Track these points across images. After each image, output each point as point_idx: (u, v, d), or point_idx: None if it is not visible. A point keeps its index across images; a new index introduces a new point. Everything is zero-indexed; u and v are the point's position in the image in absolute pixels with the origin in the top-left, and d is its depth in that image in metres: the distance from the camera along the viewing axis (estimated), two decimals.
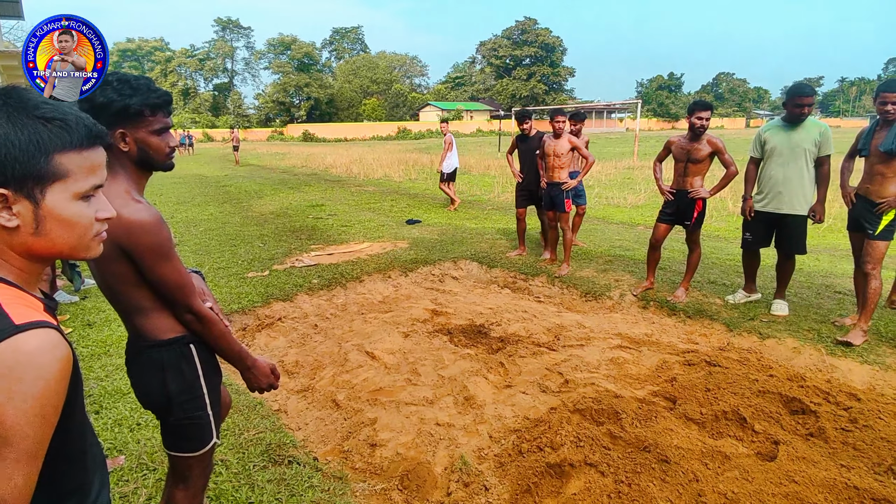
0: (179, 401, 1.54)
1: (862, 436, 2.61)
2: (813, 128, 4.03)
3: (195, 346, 1.56)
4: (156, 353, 1.52)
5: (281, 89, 65.58)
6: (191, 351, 1.56)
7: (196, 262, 6.06)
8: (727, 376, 3.19)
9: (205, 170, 20.04)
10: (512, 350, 3.80)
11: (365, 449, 2.74)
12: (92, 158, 0.86)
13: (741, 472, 2.32)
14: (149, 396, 1.57)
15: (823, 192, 4.10)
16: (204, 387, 1.59)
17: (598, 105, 52.32)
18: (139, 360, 1.55)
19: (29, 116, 0.80)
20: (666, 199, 4.75)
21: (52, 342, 0.76)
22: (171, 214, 9.55)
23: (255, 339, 4.30)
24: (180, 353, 1.54)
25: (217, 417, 1.65)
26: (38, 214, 0.82)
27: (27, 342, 0.73)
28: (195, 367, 1.56)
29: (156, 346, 1.52)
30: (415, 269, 5.91)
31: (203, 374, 1.58)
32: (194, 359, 1.56)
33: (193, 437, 1.60)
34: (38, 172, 0.80)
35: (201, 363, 1.58)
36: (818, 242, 7.17)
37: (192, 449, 1.61)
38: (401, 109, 69.58)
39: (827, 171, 4.07)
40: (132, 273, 1.43)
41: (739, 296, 4.60)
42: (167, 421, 1.59)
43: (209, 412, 1.60)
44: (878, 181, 3.73)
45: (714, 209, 9.56)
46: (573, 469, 2.41)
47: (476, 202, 11.09)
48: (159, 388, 1.53)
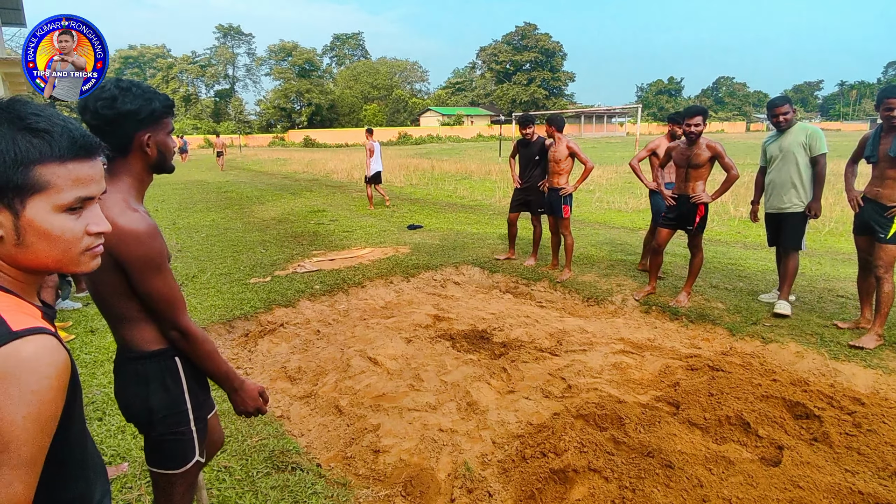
0: (162, 415, 1.50)
1: (866, 440, 2.60)
2: (800, 132, 4.31)
3: (180, 360, 1.52)
4: (140, 365, 1.48)
5: (282, 95, 65.87)
6: (176, 364, 1.51)
7: (198, 269, 6.07)
8: (730, 381, 3.18)
9: (207, 176, 20.10)
10: (514, 355, 3.80)
11: (368, 455, 2.73)
12: (78, 170, 0.84)
13: (745, 477, 2.31)
14: (130, 409, 1.52)
15: (818, 190, 4.31)
16: (188, 402, 1.54)
17: (598, 109, 52.39)
18: (123, 371, 1.51)
19: (14, 128, 0.79)
20: (668, 203, 4.76)
21: (49, 348, 0.76)
22: (173, 221, 9.57)
23: (257, 345, 4.30)
24: (165, 366, 1.50)
25: (202, 434, 1.59)
26: (19, 226, 0.80)
27: (24, 348, 0.73)
28: (180, 382, 1.52)
29: (140, 357, 1.49)
30: (417, 274, 5.92)
31: (188, 389, 1.54)
32: (179, 373, 1.52)
33: (175, 454, 1.55)
34: (16, 183, 0.79)
35: (187, 378, 1.53)
36: (819, 246, 7.18)
37: (174, 466, 1.55)
38: (401, 115, 69.78)
39: (820, 170, 4.27)
40: (122, 283, 1.40)
41: (772, 296, 4.70)
42: (149, 436, 1.54)
43: (193, 428, 1.55)
44: (888, 185, 3.74)
45: (716, 213, 9.57)
46: (577, 475, 2.40)
47: (477, 207, 11.11)
48: (142, 402, 1.48)
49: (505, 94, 72.51)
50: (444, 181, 16.20)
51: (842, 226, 8.17)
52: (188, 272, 5.92)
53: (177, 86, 67.58)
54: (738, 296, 4.84)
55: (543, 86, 72.93)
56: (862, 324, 4.02)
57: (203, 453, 1.61)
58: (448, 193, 13.47)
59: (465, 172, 18.60)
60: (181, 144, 31.91)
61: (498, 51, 74.76)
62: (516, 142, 6.26)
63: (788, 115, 4.32)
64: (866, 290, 4.05)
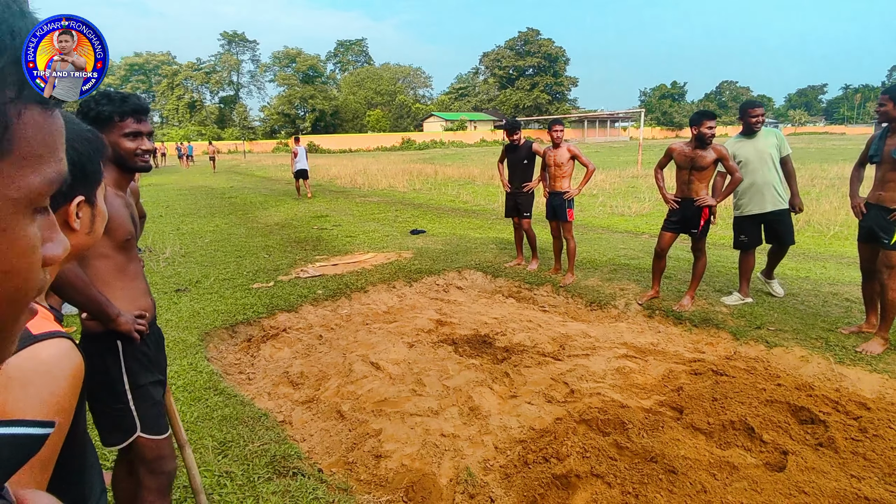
0: (101, 394, 1.68)
1: (872, 445, 2.58)
2: (770, 135, 4.63)
3: (122, 343, 1.70)
4: (86, 345, 1.66)
5: (286, 101, 66.22)
6: (117, 346, 1.70)
7: (202, 274, 6.09)
8: (734, 385, 3.16)
9: (211, 181, 20.18)
10: (517, 360, 3.79)
11: (370, 460, 2.72)
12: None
13: (750, 483, 2.29)
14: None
15: (795, 186, 4.66)
16: (126, 382, 1.71)
17: (601, 114, 52.48)
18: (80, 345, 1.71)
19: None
20: (671, 207, 4.75)
21: (66, 351, 0.80)
22: (177, 226, 9.61)
23: (260, 350, 4.30)
24: (106, 347, 1.68)
25: (143, 412, 1.74)
26: (93, 214, 0.95)
27: (44, 350, 0.77)
28: (118, 361, 1.70)
29: (86, 337, 1.69)
30: (419, 279, 5.91)
31: (126, 368, 1.71)
32: (119, 353, 1.70)
33: (114, 428, 1.73)
34: (98, 177, 0.97)
35: (125, 357, 1.71)
36: (824, 250, 7.14)
37: (117, 441, 1.73)
38: (405, 120, 70.04)
39: (791, 168, 4.63)
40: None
41: (734, 298, 4.77)
42: (93, 411, 1.72)
43: (132, 406, 1.72)
44: (891, 187, 3.66)
45: (720, 217, 9.53)
46: (579, 480, 2.39)
47: (480, 212, 11.11)
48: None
49: (508, 99, 72.65)
50: (447, 186, 16.21)
51: (846, 229, 8.13)
52: (192, 277, 5.94)
53: (182, 92, 68.07)
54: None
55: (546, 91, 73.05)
56: (865, 328, 3.98)
57: (151, 430, 1.76)
58: (451, 198, 13.48)
59: (468, 177, 18.61)
60: (185, 150, 32.18)
61: (501, 56, 74.98)
62: (504, 147, 6.27)
63: (763, 119, 4.62)
64: (870, 296, 4.00)
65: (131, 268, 1.79)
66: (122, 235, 1.71)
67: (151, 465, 1.76)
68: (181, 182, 20.29)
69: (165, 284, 5.67)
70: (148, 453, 1.75)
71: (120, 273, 1.75)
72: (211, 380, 3.45)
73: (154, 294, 2.22)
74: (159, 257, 6.95)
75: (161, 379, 1.86)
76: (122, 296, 1.73)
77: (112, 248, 1.71)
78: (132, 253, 1.79)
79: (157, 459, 1.77)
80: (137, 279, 1.82)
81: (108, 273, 1.71)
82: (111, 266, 1.73)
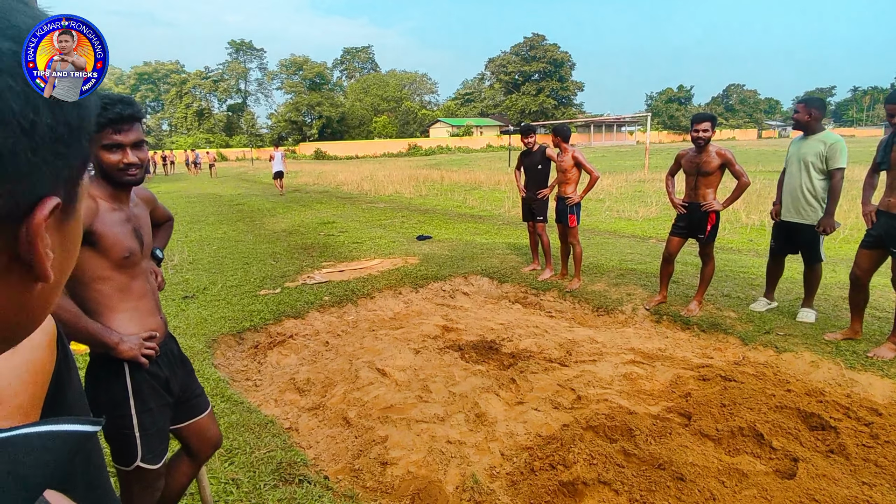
0: (109, 417, 1.62)
1: (884, 452, 2.54)
2: (819, 142, 4.14)
3: (129, 367, 1.64)
4: (93, 363, 1.64)
5: (293, 109, 66.62)
6: (123, 370, 1.64)
7: (209, 280, 6.13)
8: (743, 391, 3.13)
9: (219, 189, 20.33)
10: (523, 366, 3.77)
11: (376, 467, 2.72)
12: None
13: (759, 490, 2.27)
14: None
15: (831, 205, 4.13)
16: (133, 407, 1.65)
17: (607, 119, 52.37)
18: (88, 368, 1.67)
19: None
20: (678, 212, 4.73)
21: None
22: (185, 234, 9.68)
23: (266, 357, 4.31)
24: (113, 370, 1.63)
25: (148, 440, 1.68)
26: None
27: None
28: (125, 386, 1.64)
29: (93, 361, 1.65)
30: (425, 285, 5.92)
31: (133, 392, 1.65)
32: (126, 378, 1.64)
33: (115, 453, 1.68)
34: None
35: (133, 382, 1.65)
36: (834, 254, 7.07)
37: (122, 463, 1.68)
38: (411, 126, 70.27)
39: (835, 185, 4.10)
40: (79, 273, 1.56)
41: (761, 304, 4.67)
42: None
43: (136, 434, 1.65)
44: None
45: (727, 221, 9.47)
46: (586, 487, 2.37)
47: (487, 217, 11.11)
48: (90, 398, 1.60)
49: (514, 104, 72.75)
50: (453, 192, 16.23)
51: (857, 233, 8.04)
52: (199, 284, 5.98)
53: (190, 100, 68.71)
54: (750, 304, 4.77)
55: (552, 95, 73.06)
56: (848, 335, 3.92)
57: (147, 459, 1.69)
58: (457, 204, 13.49)
59: (475, 183, 18.64)
60: (193, 158, 32.45)
61: (506, 62, 75.14)
62: (519, 154, 6.29)
63: (804, 118, 4.21)
64: (857, 303, 3.91)
65: (135, 286, 1.69)
66: (118, 254, 1.60)
67: (145, 482, 1.72)
68: (189, 189, 20.44)
69: (173, 291, 5.71)
70: (146, 475, 1.70)
71: (123, 293, 1.65)
72: (217, 386, 3.46)
73: (161, 300, 2.21)
74: (167, 264, 7.00)
75: (170, 402, 1.78)
76: (127, 318, 1.65)
77: (110, 269, 1.61)
78: (135, 270, 1.68)
79: (155, 479, 1.73)
80: (144, 298, 1.72)
81: (109, 295, 1.62)
82: (112, 287, 1.63)
